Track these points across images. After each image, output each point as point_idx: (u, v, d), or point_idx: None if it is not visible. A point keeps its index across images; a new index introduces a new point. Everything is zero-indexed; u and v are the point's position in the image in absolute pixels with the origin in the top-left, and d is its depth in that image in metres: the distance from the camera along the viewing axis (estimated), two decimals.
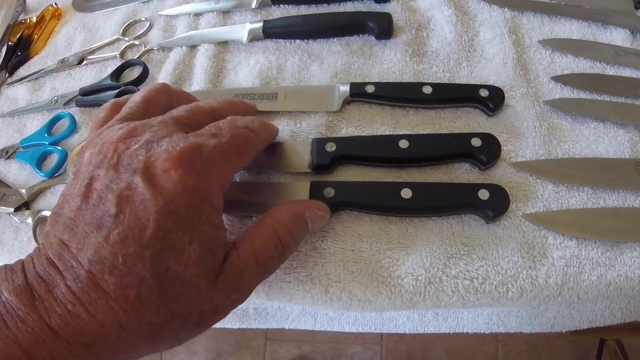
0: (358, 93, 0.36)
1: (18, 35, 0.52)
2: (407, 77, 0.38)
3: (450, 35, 0.40)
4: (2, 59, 0.52)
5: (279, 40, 0.41)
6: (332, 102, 0.36)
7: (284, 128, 0.36)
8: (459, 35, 0.40)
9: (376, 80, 0.38)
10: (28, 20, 0.53)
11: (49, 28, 0.51)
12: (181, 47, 0.44)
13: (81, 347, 0.21)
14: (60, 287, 0.21)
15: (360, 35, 0.41)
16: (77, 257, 0.22)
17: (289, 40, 0.41)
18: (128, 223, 0.21)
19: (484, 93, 0.35)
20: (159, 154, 0.23)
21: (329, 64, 0.39)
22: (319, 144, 0.34)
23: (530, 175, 0.33)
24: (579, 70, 0.39)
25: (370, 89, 0.36)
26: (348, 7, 0.43)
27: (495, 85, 0.37)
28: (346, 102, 0.37)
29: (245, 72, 0.40)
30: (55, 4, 0.52)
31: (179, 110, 0.27)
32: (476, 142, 0.33)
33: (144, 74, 0.42)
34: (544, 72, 0.38)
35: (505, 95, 0.36)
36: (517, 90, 0.37)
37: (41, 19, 0.52)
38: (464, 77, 0.38)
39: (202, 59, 0.42)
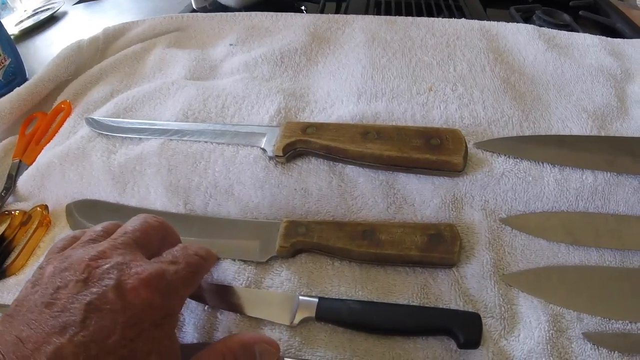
0: None
1: None
2: None
3: None
4: None
5: None
6: None
7: None
8: None
9: None
10: (14, 213, 0.43)
11: (34, 240, 0.41)
12: None
13: None
14: None
15: None
16: (34, 355, 0.22)
17: None
18: (94, 329, 0.23)
19: None
20: (129, 275, 0.25)
21: None
22: None
23: None
24: None
25: None
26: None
27: None
28: None
29: None
30: (46, 207, 0.42)
31: (135, 231, 0.29)
32: None
33: None
34: None
35: None
36: None
37: (27, 220, 0.42)
38: None
39: None
